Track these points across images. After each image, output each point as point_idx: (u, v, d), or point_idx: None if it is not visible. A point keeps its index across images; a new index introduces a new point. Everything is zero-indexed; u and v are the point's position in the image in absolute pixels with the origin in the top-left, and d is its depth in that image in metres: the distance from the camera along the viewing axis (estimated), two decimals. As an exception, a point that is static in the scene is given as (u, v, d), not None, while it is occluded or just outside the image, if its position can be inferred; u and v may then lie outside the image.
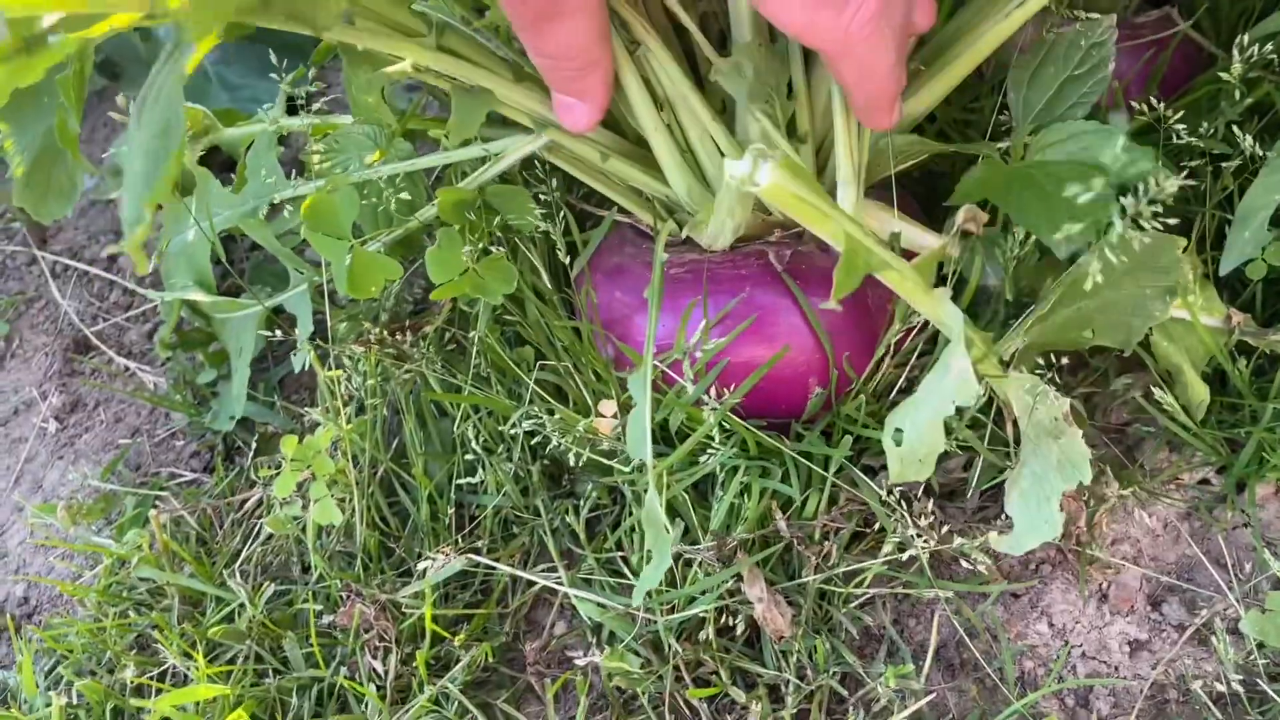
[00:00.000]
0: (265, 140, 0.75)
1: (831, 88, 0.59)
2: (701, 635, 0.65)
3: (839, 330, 0.65)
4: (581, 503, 0.71)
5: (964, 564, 0.65)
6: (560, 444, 0.69)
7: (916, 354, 0.69)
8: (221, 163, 0.97)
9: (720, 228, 0.64)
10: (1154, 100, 0.65)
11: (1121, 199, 0.57)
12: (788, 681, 0.64)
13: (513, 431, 0.72)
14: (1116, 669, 0.66)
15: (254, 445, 0.84)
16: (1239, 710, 0.64)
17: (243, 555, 0.77)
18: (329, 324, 0.75)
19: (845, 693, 0.64)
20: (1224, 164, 0.66)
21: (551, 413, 0.70)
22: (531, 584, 0.72)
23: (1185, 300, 0.66)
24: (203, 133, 0.91)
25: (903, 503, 0.65)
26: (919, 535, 0.62)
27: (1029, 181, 0.63)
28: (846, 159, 0.61)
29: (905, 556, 0.64)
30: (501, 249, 0.68)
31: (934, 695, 0.64)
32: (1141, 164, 0.61)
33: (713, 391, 0.65)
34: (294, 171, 0.80)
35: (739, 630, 0.65)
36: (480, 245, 0.66)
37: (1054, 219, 0.60)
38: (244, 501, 0.80)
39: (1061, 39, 0.65)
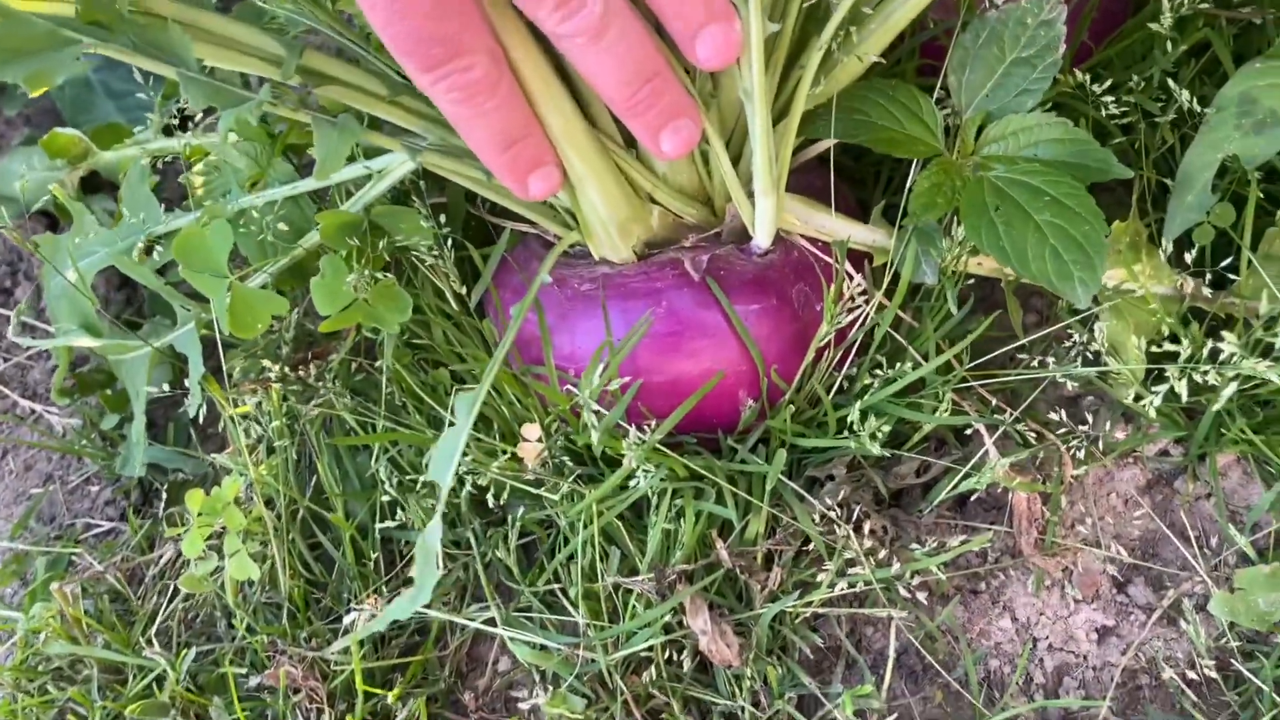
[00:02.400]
0: (137, 172, 0.69)
1: (739, 83, 0.53)
2: (649, 671, 0.61)
3: (766, 336, 0.60)
4: (510, 532, 0.66)
5: (917, 579, 0.61)
6: (484, 474, 0.65)
7: (854, 351, 0.64)
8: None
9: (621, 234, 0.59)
10: (1078, 73, 0.60)
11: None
12: (742, 709, 0.61)
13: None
14: (1085, 658, 0.63)
15: (164, 495, 0.79)
16: (1215, 691, 0.61)
17: (164, 614, 0.73)
18: (223, 363, 0.70)
19: (803, 717, 0.61)
20: (1159, 119, 0.62)
21: (476, 440, 0.66)
22: (470, 622, 0.68)
23: (1131, 271, 0.62)
24: (80, 157, 0.84)
25: (848, 515, 0.61)
26: (867, 555, 0.59)
27: (1010, 207, 0.56)
28: (761, 148, 0.55)
29: (853, 576, 0.61)
30: (389, 275, 0.62)
31: (896, 713, 0.61)
32: (1109, 163, 0.56)
33: (639, 410, 0.61)
34: (182, 196, 0.74)
35: (687, 662, 0.61)
36: (367, 271, 0.61)
37: (1060, 264, 0.54)
38: (161, 557, 0.75)
39: (1006, 15, 0.59)
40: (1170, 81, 0.60)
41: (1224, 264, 0.63)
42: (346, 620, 0.65)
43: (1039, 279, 0.55)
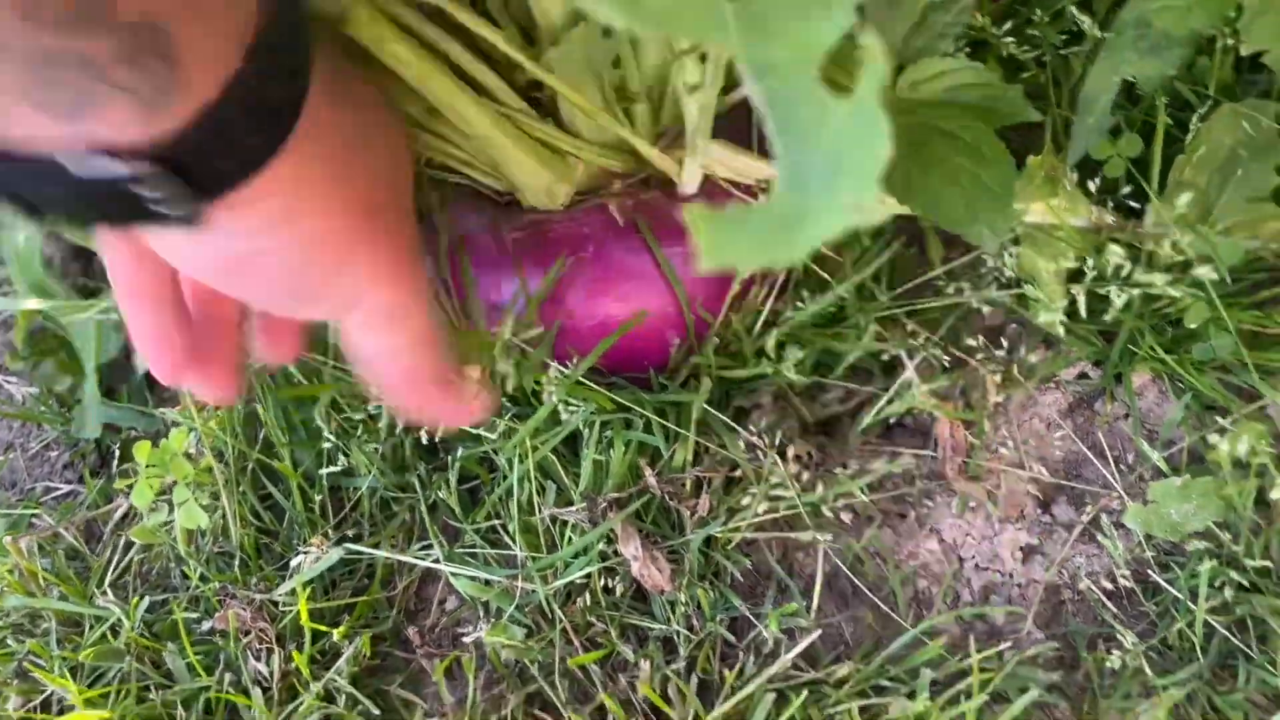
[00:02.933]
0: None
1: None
2: (583, 599, 0.63)
3: (692, 277, 0.62)
4: (451, 474, 0.68)
5: (842, 501, 0.63)
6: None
7: (778, 288, 0.66)
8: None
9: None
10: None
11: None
12: (678, 633, 0.63)
13: (375, 410, 0.69)
14: (1010, 576, 0.65)
15: (118, 454, 0.81)
16: (1134, 602, 0.63)
17: (119, 566, 0.74)
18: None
19: (735, 639, 0.63)
20: (1065, 50, 0.63)
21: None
22: (416, 565, 0.70)
23: (1050, 204, 0.64)
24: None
25: (773, 442, 0.63)
26: (794, 479, 0.60)
27: (924, 154, 0.57)
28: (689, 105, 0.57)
29: (780, 500, 0.63)
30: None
31: (824, 629, 0.63)
32: (1020, 106, 0.58)
33: (568, 353, 0.63)
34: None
35: (621, 589, 0.63)
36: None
37: (971, 211, 0.55)
38: (115, 512, 0.76)
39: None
40: (1074, 10, 0.61)
41: (1140, 196, 0.65)
42: (294, 563, 0.67)
43: (948, 225, 0.56)
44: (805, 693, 0.58)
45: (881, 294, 0.67)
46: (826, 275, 0.66)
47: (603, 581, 0.63)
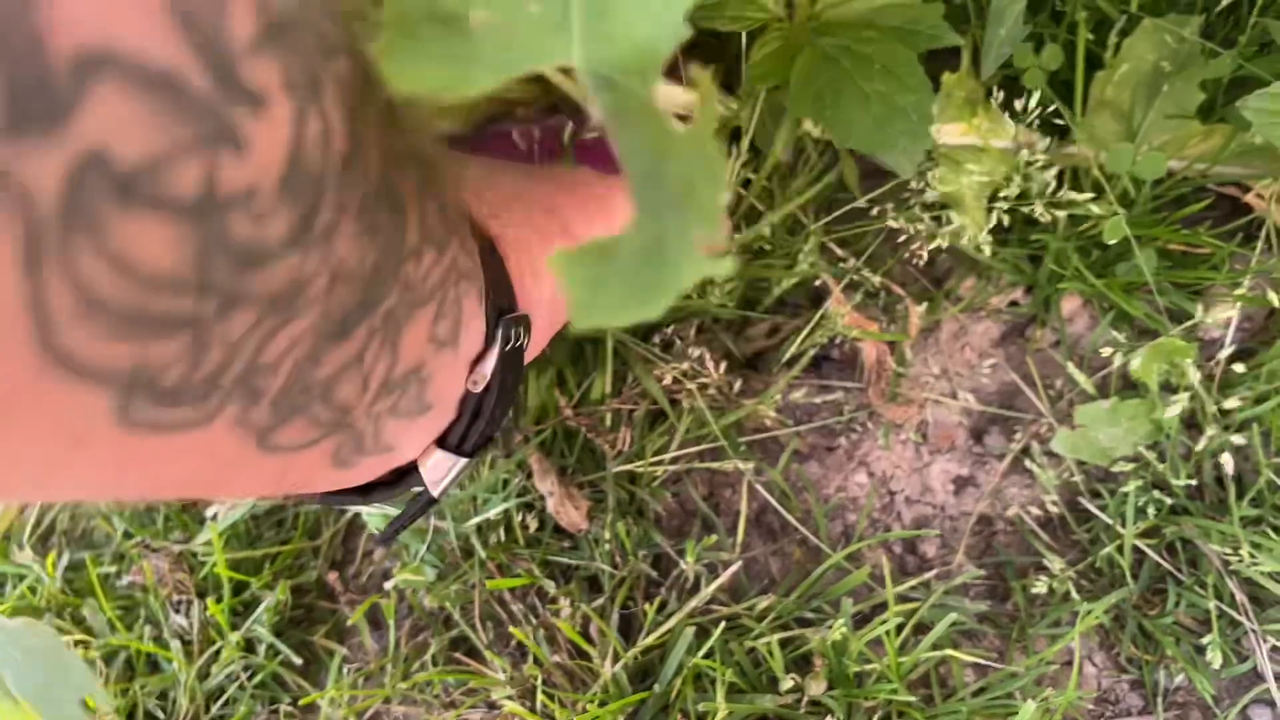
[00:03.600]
0: None
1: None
2: (498, 535, 0.61)
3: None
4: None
5: (765, 431, 0.62)
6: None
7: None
8: None
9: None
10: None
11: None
12: (601, 570, 0.61)
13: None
14: (943, 509, 0.64)
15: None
16: (1065, 530, 0.62)
17: (44, 526, 0.73)
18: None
19: (659, 576, 0.62)
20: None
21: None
22: (344, 511, 0.68)
23: (971, 124, 0.62)
24: None
25: (694, 376, 0.62)
26: (713, 411, 0.59)
27: (839, 76, 0.56)
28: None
29: (705, 432, 0.61)
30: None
31: (749, 565, 0.62)
32: (941, 29, 0.56)
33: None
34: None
35: (542, 527, 0.62)
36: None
37: (884, 134, 0.54)
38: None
39: None
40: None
41: (1062, 115, 0.63)
42: (208, 513, 0.65)
43: (864, 148, 0.55)
44: (724, 625, 0.57)
45: (808, 221, 0.65)
46: (755, 203, 0.64)
47: (521, 518, 0.62)
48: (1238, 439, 0.58)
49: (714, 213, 0.20)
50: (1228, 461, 0.58)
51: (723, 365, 0.63)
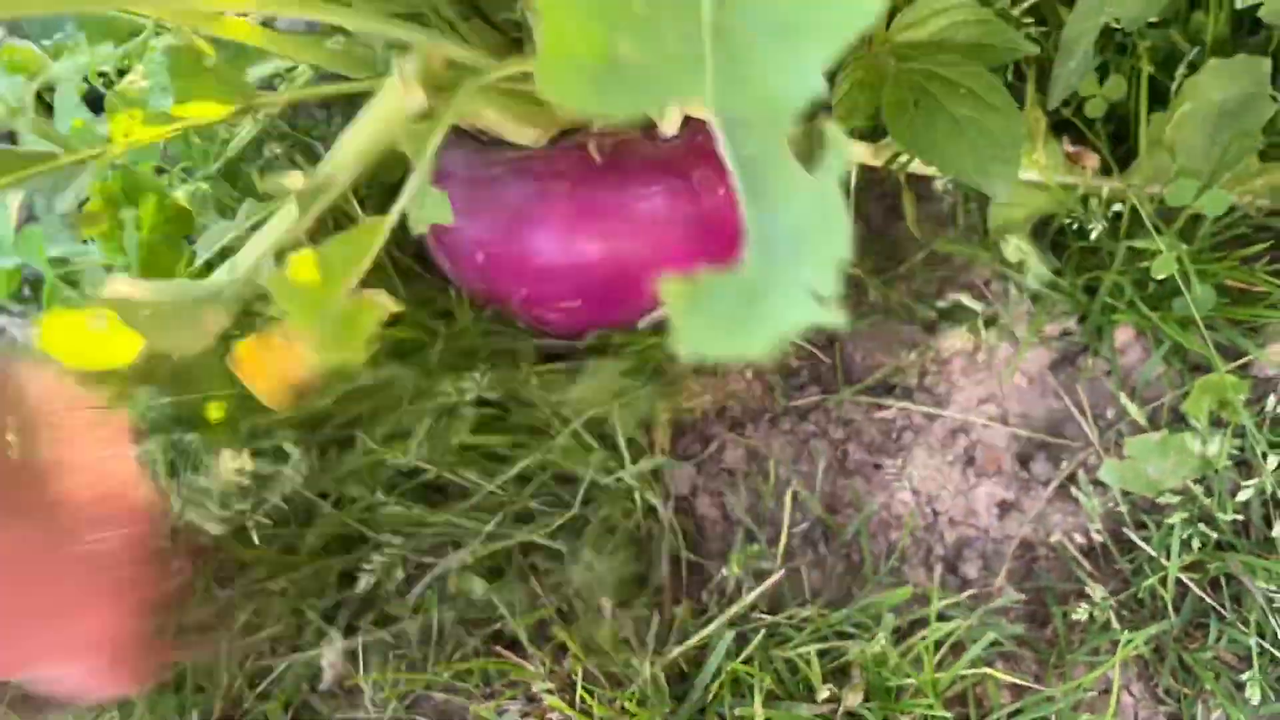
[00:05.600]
0: (69, 90, 0.72)
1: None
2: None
3: (664, 218, 0.62)
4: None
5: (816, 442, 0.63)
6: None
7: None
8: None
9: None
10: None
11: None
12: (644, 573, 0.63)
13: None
14: (985, 531, 0.65)
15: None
16: (1108, 559, 0.62)
17: None
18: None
19: (699, 581, 0.63)
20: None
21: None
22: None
23: (1031, 159, 0.63)
24: (37, 72, 0.87)
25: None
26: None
27: (930, 104, 0.56)
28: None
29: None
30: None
31: (790, 577, 0.62)
32: (1016, 41, 0.57)
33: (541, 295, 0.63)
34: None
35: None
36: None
37: (978, 159, 0.55)
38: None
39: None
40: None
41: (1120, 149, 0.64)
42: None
43: (959, 174, 0.56)
44: (764, 633, 0.58)
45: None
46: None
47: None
48: (1287, 476, 0.58)
49: (832, 263, 0.21)
50: (1276, 499, 0.58)
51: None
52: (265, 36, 0.55)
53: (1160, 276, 0.58)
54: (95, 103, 0.81)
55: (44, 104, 0.91)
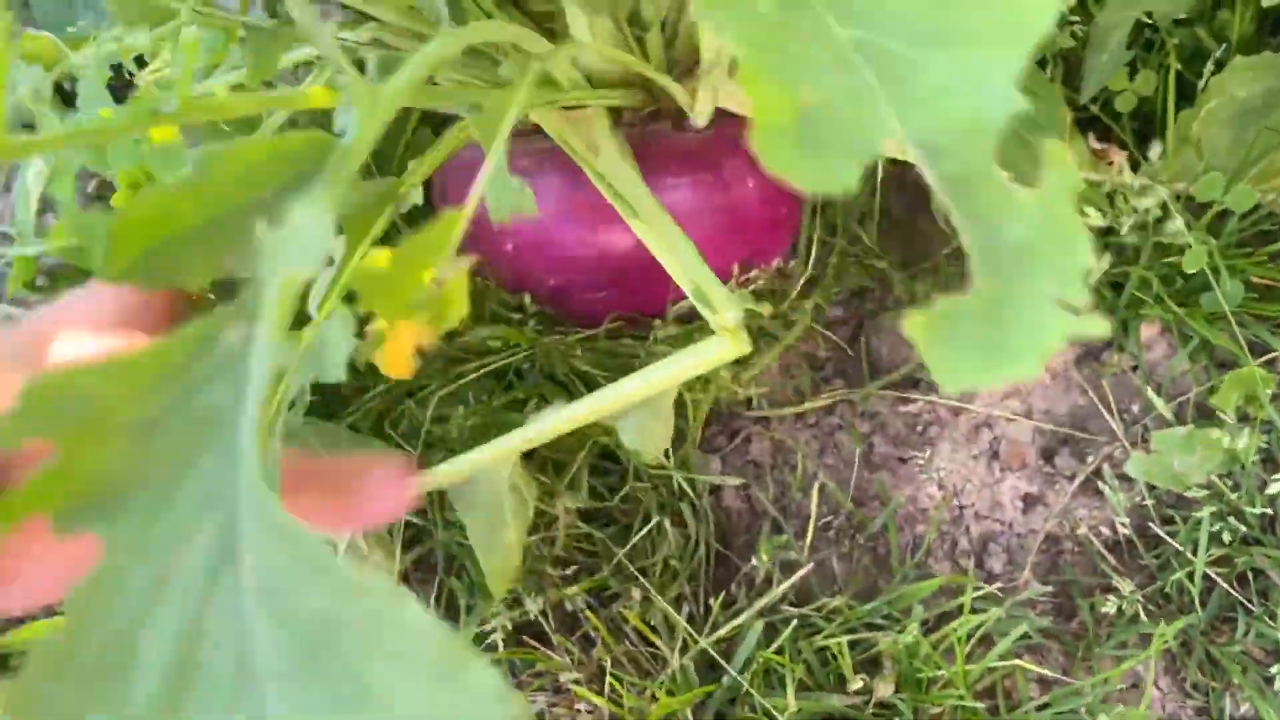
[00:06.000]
0: (93, 71, 0.71)
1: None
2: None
3: (695, 210, 0.62)
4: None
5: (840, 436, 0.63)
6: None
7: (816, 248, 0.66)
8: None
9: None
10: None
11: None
12: (665, 563, 0.62)
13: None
14: (1010, 525, 0.65)
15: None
16: (1134, 554, 0.63)
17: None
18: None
19: (726, 572, 0.63)
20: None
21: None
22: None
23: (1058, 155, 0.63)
24: (54, 62, 0.86)
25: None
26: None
27: None
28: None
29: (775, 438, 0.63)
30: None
31: (818, 568, 0.62)
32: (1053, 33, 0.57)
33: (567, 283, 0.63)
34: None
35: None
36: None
37: (1028, 151, 0.55)
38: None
39: None
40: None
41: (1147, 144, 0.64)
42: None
43: (1007, 164, 0.56)
44: (794, 624, 0.58)
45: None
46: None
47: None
48: (1314, 473, 0.58)
49: (1076, 273, 0.21)
50: (1304, 494, 0.58)
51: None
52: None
53: (1191, 271, 0.58)
54: (116, 94, 0.81)
55: (61, 97, 0.91)
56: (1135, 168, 0.65)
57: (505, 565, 0.60)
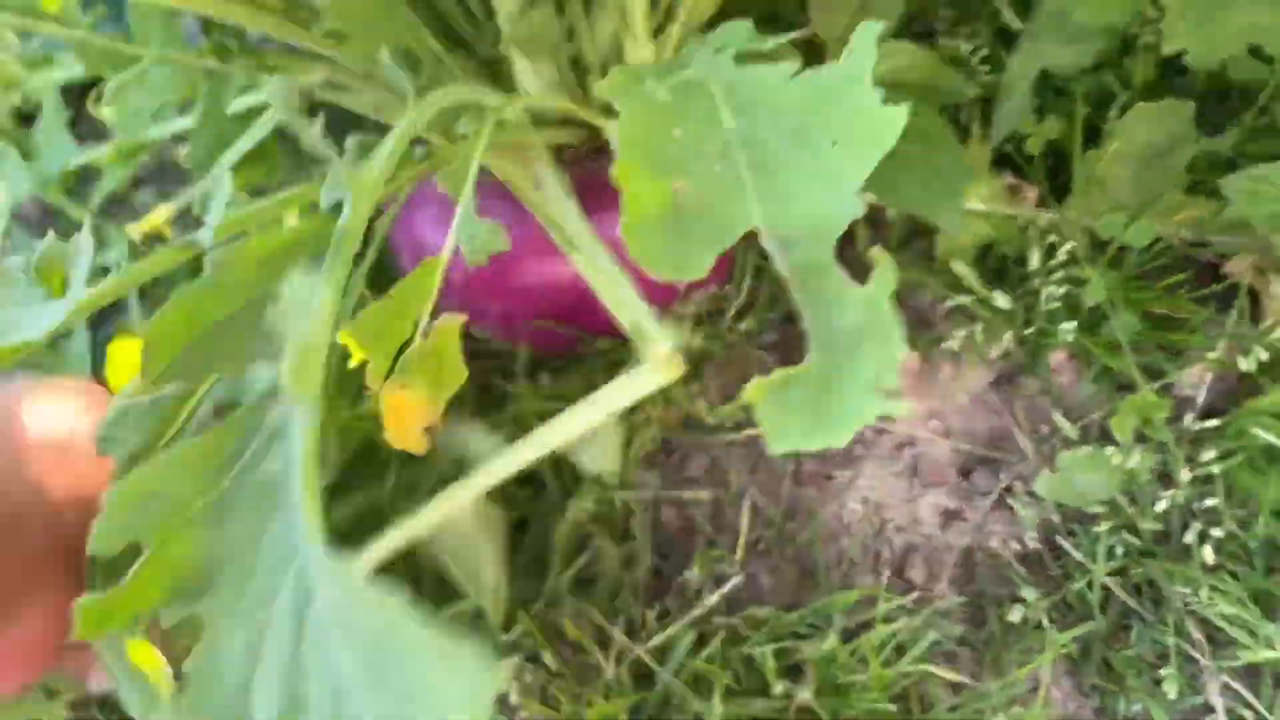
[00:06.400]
0: (52, 102, 0.74)
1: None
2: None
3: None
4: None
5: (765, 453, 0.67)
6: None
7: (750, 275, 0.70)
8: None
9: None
10: None
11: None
12: (612, 575, 0.66)
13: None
14: (929, 538, 0.69)
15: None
16: (1041, 565, 0.67)
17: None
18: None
19: (658, 586, 0.67)
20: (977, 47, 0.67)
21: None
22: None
23: (975, 191, 0.68)
24: (11, 83, 0.89)
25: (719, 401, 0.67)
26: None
27: None
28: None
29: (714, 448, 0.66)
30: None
31: (746, 578, 0.67)
32: (958, 83, 0.61)
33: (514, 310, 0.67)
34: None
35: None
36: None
37: (929, 194, 0.58)
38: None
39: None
40: (1003, 8, 0.66)
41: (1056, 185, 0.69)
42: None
43: (911, 208, 0.60)
44: (723, 633, 0.62)
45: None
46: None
47: (540, 525, 0.67)
48: (1203, 490, 0.63)
49: (889, 363, 0.25)
50: (1193, 510, 0.63)
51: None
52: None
53: (1091, 303, 0.62)
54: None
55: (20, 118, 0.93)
56: (1048, 204, 0.70)
57: (496, 597, 0.64)
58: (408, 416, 0.44)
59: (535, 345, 0.70)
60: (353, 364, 0.34)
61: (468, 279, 0.66)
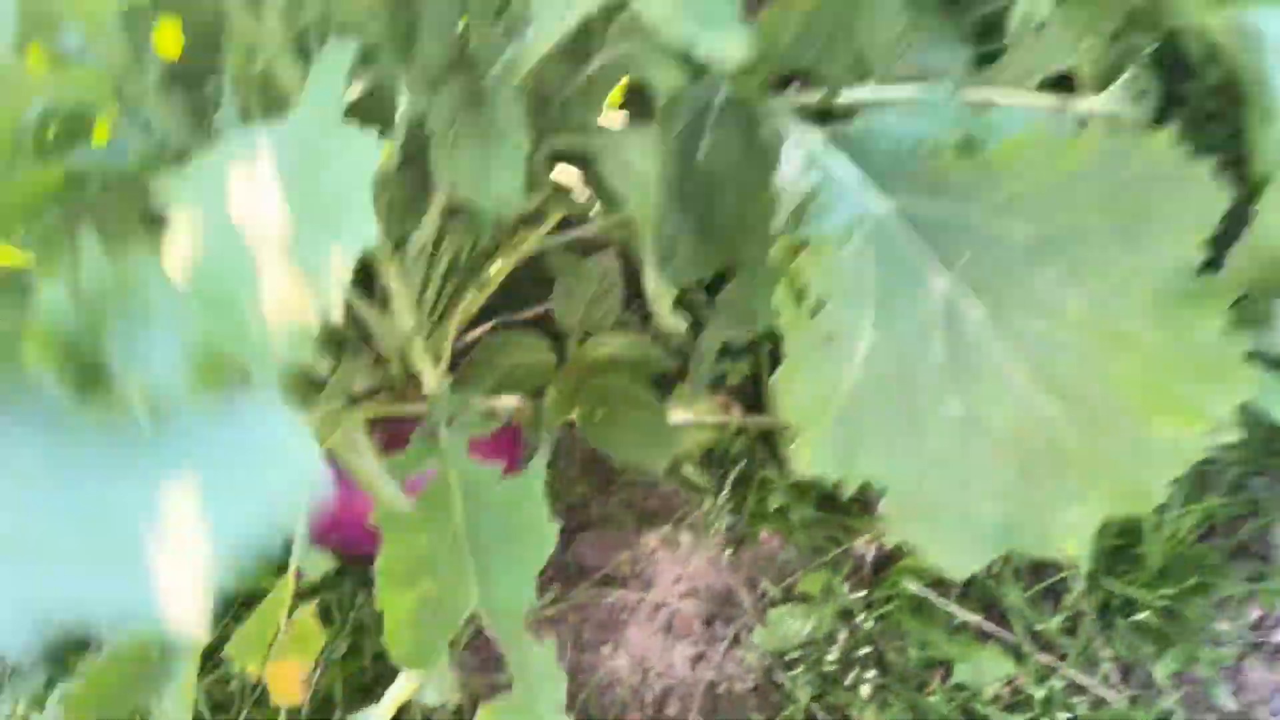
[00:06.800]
0: None
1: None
2: None
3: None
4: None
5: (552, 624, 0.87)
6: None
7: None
8: None
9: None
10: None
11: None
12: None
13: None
14: (683, 680, 0.90)
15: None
16: (766, 691, 0.89)
17: None
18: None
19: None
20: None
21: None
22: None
23: (695, 408, 0.89)
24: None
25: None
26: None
27: (610, 410, 0.83)
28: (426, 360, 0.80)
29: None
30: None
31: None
32: (661, 359, 0.83)
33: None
34: None
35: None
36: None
37: (645, 448, 0.80)
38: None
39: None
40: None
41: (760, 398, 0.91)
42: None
43: (631, 460, 0.81)
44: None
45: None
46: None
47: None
48: (872, 626, 0.86)
49: (560, 691, 0.46)
50: (864, 646, 0.86)
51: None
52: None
53: (774, 505, 0.85)
54: None
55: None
56: (756, 409, 0.92)
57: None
58: (287, 678, 0.62)
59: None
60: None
61: (331, 513, 0.83)
